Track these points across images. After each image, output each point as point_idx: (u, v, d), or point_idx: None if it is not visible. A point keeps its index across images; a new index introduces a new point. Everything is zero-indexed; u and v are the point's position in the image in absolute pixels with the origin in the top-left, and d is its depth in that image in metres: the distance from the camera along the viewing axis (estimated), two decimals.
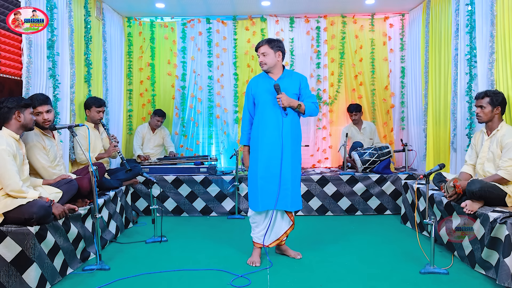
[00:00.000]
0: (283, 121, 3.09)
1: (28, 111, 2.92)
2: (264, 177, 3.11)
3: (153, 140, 5.49)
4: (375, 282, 2.82)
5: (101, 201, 3.60)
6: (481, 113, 3.26)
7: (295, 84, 3.19)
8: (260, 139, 3.14)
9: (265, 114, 3.15)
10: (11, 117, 2.84)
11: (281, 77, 3.19)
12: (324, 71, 5.77)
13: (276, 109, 3.11)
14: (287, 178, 3.11)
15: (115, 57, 5.33)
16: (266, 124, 3.13)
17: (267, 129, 3.12)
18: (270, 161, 3.11)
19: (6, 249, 2.58)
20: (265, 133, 3.13)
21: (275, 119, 3.11)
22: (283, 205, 3.13)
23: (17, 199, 2.68)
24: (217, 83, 5.84)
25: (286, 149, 3.10)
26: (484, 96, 3.24)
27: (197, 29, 5.82)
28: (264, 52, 3.14)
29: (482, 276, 2.89)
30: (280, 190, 3.07)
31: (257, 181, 3.13)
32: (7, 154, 2.69)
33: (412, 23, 5.48)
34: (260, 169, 3.12)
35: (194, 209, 4.78)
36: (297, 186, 3.20)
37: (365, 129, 5.47)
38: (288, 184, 3.11)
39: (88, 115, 4.27)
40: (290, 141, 3.12)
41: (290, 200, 3.13)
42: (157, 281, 2.87)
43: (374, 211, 4.78)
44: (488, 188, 3.00)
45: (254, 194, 3.17)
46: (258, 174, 3.13)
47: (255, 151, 3.19)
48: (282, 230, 3.24)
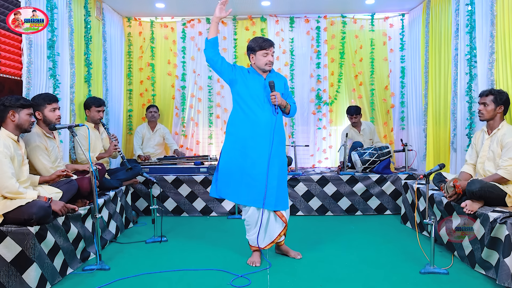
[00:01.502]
0: (276, 119, 3.11)
1: (25, 112, 2.88)
2: (251, 174, 3.10)
3: (153, 139, 5.49)
4: (375, 282, 2.82)
5: (101, 201, 3.60)
6: (483, 110, 3.26)
7: (281, 84, 3.25)
8: (250, 135, 3.12)
9: (255, 110, 3.13)
10: (6, 116, 2.82)
11: (269, 75, 3.22)
12: (324, 71, 5.77)
13: (268, 106, 3.13)
14: (273, 177, 3.10)
15: (115, 57, 5.34)
16: (256, 121, 3.11)
17: (258, 126, 3.11)
18: (259, 159, 3.10)
19: (6, 249, 2.58)
20: (256, 130, 3.11)
21: (267, 116, 3.11)
22: (269, 204, 3.09)
23: (16, 200, 2.67)
24: (217, 83, 5.85)
25: (275, 148, 3.10)
26: (488, 93, 3.24)
27: (197, 29, 5.82)
28: (273, 52, 3.19)
29: (482, 276, 2.89)
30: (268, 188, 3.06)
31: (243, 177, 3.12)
32: (3, 156, 2.67)
33: (412, 23, 5.48)
34: (248, 166, 3.11)
35: (194, 209, 4.78)
36: (284, 186, 3.20)
37: (364, 130, 5.46)
38: (274, 183, 3.09)
39: (88, 115, 4.27)
40: (278, 140, 3.14)
41: (275, 200, 3.11)
42: (157, 281, 2.86)
43: (374, 211, 4.78)
44: (488, 188, 3.00)
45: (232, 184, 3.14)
46: (245, 171, 3.11)
47: (242, 147, 3.14)
48: (276, 232, 3.20)
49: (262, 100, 3.15)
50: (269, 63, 3.15)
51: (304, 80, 5.79)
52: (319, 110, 5.79)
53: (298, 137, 5.81)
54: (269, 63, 3.15)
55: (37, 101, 3.23)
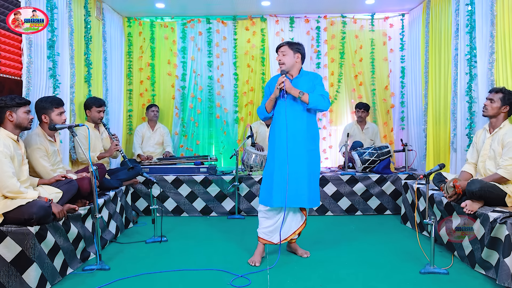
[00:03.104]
0: (286, 112, 3.11)
1: (22, 110, 2.87)
2: (279, 173, 3.12)
3: (153, 138, 5.49)
4: (375, 282, 2.82)
5: (101, 201, 3.60)
6: (488, 106, 3.26)
7: (310, 82, 3.23)
8: (276, 136, 3.17)
9: (281, 112, 3.16)
10: (4, 117, 2.82)
11: (297, 77, 3.24)
12: (324, 71, 5.77)
13: (293, 109, 3.13)
14: (302, 173, 3.10)
15: (115, 57, 5.34)
16: (282, 123, 3.13)
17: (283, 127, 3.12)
18: (282, 157, 3.11)
19: (6, 249, 2.58)
20: (278, 129, 3.15)
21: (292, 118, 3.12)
22: (297, 202, 3.11)
23: (17, 200, 2.67)
24: (217, 83, 5.85)
25: (296, 144, 3.10)
26: (499, 91, 3.24)
27: (197, 29, 5.82)
28: (284, 51, 3.20)
29: (482, 276, 2.89)
30: (294, 186, 3.07)
31: (273, 177, 3.14)
32: (3, 156, 2.67)
33: (412, 23, 5.48)
34: (276, 166, 3.14)
35: (194, 209, 4.78)
36: (316, 182, 3.21)
37: (367, 129, 5.46)
38: (305, 180, 3.10)
39: (89, 115, 4.27)
40: (301, 135, 3.12)
41: (307, 197, 3.11)
42: (157, 281, 2.86)
43: (374, 211, 4.78)
44: (488, 188, 3.00)
45: (268, 189, 3.16)
46: (275, 171, 3.14)
47: (272, 147, 3.23)
48: (293, 228, 3.27)
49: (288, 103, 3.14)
50: (280, 63, 3.22)
51: None
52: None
53: None
54: (280, 63, 3.22)
55: (44, 104, 3.24)
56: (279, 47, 3.23)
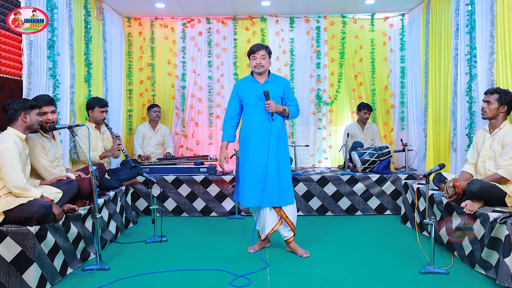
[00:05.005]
0: (271, 125, 3.28)
1: (34, 112, 2.96)
2: (251, 175, 3.29)
3: (154, 138, 5.49)
4: (375, 282, 2.82)
5: (101, 201, 3.60)
6: (486, 108, 3.26)
7: (280, 88, 3.39)
8: (249, 140, 3.34)
9: (253, 116, 3.34)
10: (18, 118, 2.87)
11: (267, 80, 3.39)
12: (324, 71, 5.77)
13: (263, 113, 3.32)
14: (273, 176, 3.26)
15: (115, 57, 5.34)
16: (253, 126, 3.32)
17: (254, 131, 3.32)
18: (257, 161, 3.29)
19: (6, 249, 2.58)
20: (252, 135, 3.32)
21: (262, 122, 3.31)
22: (270, 201, 3.28)
23: (18, 198, 2.68)
24: (217, 83, 5.85)
25: (272, 150, 3.28)
26: (493, 92, 3.24)
27: (197, 29, 5.82)
28: (264, 55, 3.34)
29: (482, 276, 2.89)
30: (266, 187, 3.23)
31: (244, 178, 3.31)
32: (14, 151, 2.71)
33: (412, 23, 5.48)
34: (247, 168, 3.31)
35: (194, 209, 4.78)
36: (286, 183, 3.34)
37: (368, 129, 5.47)
38: (274, 182, 3.26)
39: (91, 115, 4.27)
40: (276, 142, 3.30)
41: (277, 197, 3.28)
42: (157, 281, 2.86)
43: (374, 211, 4.78)
44: (487, 188, 3.00)
45: (240, 189, 3.37)
46: (245, 173, 3.31)
47: (243, 151, 3.39)
48: (270, 226, 3.37)
49: (259, 107, 3.32)
50: (258, 66, 3.34)
51: (304, 80, 5.79)
52: (319, 110, 5.79)
53: (298, 137, 5.81)
54: (258, 66, 3.34)
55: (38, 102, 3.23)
56: (257, 50, 3.32)
